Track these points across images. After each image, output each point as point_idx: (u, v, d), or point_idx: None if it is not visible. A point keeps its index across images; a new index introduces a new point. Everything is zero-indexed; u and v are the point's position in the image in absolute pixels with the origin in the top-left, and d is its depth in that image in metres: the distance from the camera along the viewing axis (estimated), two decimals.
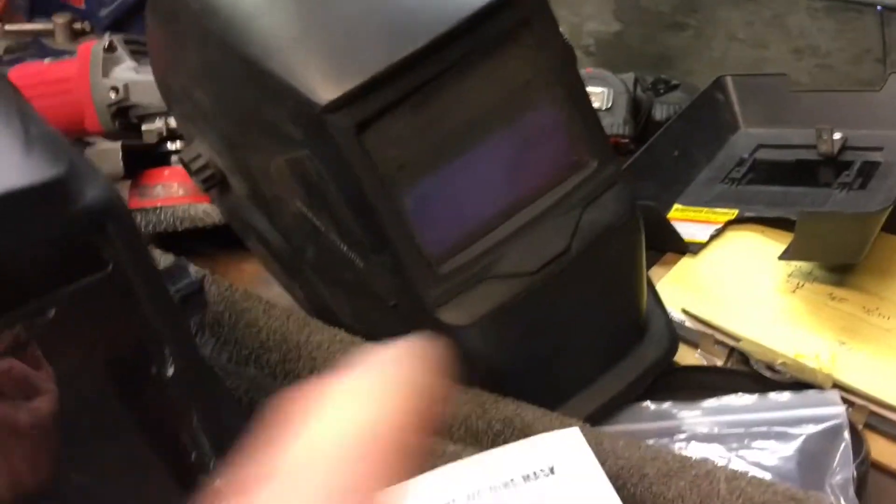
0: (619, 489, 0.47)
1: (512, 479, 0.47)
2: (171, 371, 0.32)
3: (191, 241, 0.72)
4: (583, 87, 0.52)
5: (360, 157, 0.46)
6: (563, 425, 0.50)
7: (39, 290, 0.30)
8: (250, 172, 0.57)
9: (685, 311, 0.65)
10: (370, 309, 0.55)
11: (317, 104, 0.44)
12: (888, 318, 0.62)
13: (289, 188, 0.53)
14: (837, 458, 0.53)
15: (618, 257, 0.54)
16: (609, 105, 0.85)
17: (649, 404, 0.57)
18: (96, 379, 0.32)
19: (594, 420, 0.52)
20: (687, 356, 0.63)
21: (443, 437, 0.50)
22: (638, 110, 0.88)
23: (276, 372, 0.56)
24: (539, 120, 0.51)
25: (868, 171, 0.75)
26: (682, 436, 0.54)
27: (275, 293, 0.66)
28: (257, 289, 0.63)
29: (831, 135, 0.77)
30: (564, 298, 0.52)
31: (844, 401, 0.56)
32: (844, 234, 0.64)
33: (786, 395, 0.57)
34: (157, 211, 0.68)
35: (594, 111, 0.53)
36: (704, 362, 0.63)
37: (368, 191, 0.46)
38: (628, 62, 1.05)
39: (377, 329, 0.56)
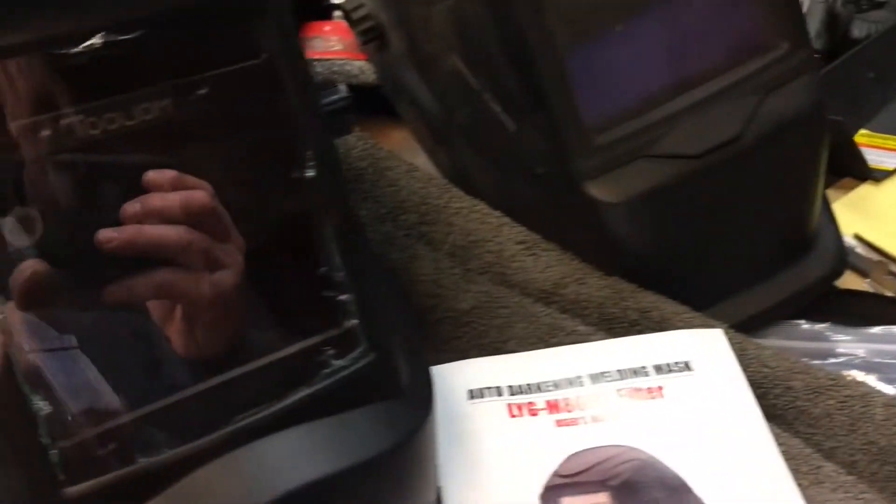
0: (760, 398, 0.43)
1: (643, 367, 0.44)
2: (310, 173, 0.31)
3: None
4: None
5: (529, 5, 0.43)
6: (704, 325, 0.47)
7: (193, 69, 0.29)
8: (411, 24, 0.55)
9: (858, 237, 0.59)
10: (515, 180, 0.53)
11: None
12: None
13: (447, 42, 0.51)
14: None
15: (795, 154, 0.48)
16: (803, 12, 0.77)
17: (804, 323, 0.52)
18: (236, 174, 0.31)
19: (741, 330, 0.48)
20: (853, 284, 0.57)
21: (573, 317, 0.48)
22: (834, 24, 0.80)
23: (413, 233, 0.55)
24: None
25: None
26: (837, 360, 0.50)
27: (419, 162, 0.65)
28: (402, 155, 0.62)
29: None
30: (727, 190, 0.47)
31: None
32: None
33: None
34: (313, 63, 0.67)
35: None
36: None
37: (532, 42, 0.43)
38: None
39: (519, 203, 0.54)
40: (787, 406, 0.44)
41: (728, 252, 0.50)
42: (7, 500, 0.28)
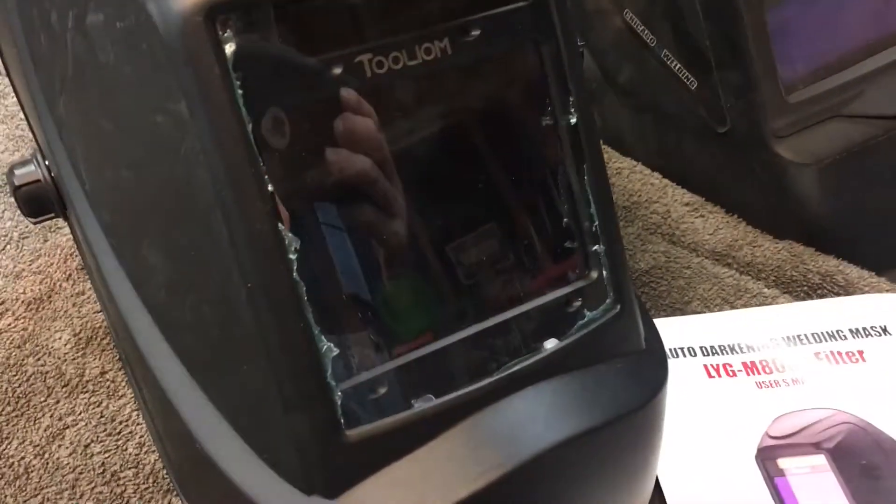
0: None
1: (839, 331, 0.43)
2: (573, 120, 0.31)
3: None
4: None
5: None
6: (893, 290, 0.46)
7: (467, 10, 0.29)
8: None
9: None
10: (683, 139, 0.52)
11: None
12: None
13: None
14: None
15: None
16: None
17: None
18: (502, 120, 0.31)
19: None
20: None
21: (753, 279, 0.47)
22: None
23: None
24: None
25: None
26: None
27: None
28: None
29: None
30: None
31: None
32: None
33: None
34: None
35: None
36: None
37: None
38: None
39: (682, 165, 0.53)
40: None
41: None
42: (289, 442, 0.28)
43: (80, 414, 0.40)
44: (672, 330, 0.44)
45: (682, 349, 0.43)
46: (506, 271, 0.32)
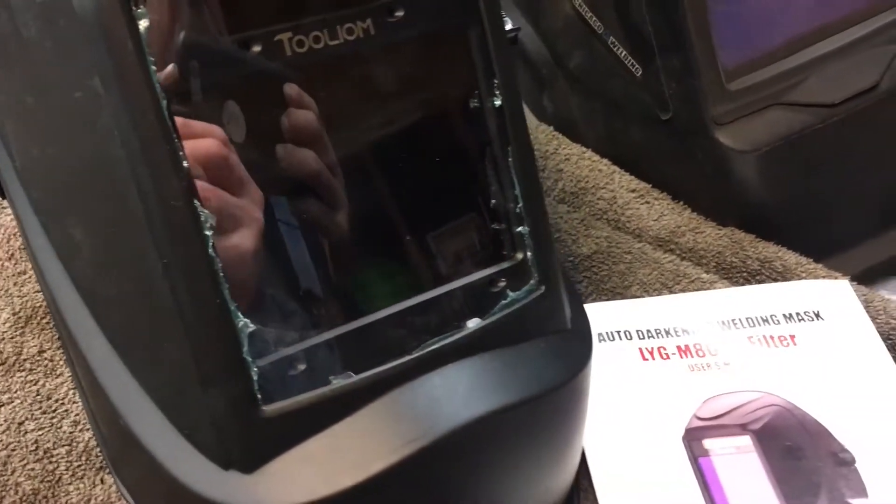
0: (889, 350, 0.43)
1: (772, 315, 0.44)
2: (497, 102, 0.31)
3: None
4: None
5: None
6: (828, 276, 0.47)
7: None
8: None
9: None
10: (630, 126, 0.52)
11: None
12: None
13: None
14: None
15: None
16: None
17: None
18: (425, 102, 0.31)
19: (859, 280, 0.48)
20: None
21: (694, 265, 0.48)
22: None
23: None
24: None
25: None
26: None
27: None
28: None
29: None
30: (859, 140, 0.47)
31: None
32: None
33: None
34: None
35: None
36: None
37: None
38: None
39: (629, 152, 0.54)
40: None
41: (848, 204, 0.50)
42: (206, 417, 0.28)
43: (16, 392, 0.40)
44: (610, 314, 0.45)
45: (618, 332, 0.44)
46: (431, 251, 0.32)
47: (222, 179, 0.28)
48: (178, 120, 0.26)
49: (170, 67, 0.26)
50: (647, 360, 0.43)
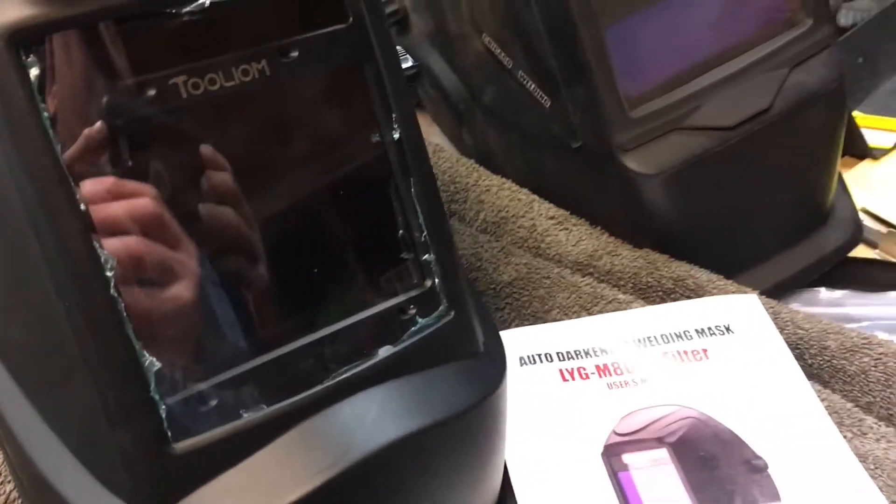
0: (797, 359, 0.45)
1: (685, 331, 0.46)
2: (396, 136, 0.32)
3: None
4: None
5: None
6: (738, 292, 0.49)
7: (286, 32, 0.30)
8: (437, 6, 0.56)
9: (865, 211, 0.62)
10: (546, 156, 0.54)
11: None
12: None
13: (478, 22, 0.52)
14: None
15: (818, 126, 0.50)
16: None
17: (823, 290, 0.54)
18: (324, 138, 0.32)
19: (769, 295, 0.50)
20: (863, 255, 0.59)
21: (611, 286, 0.49)
22: None
23: None
24: None
25: None
26: (860, 324, 0.52)
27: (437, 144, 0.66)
28: None
29: None
30: (756, 161, 0.49)
31: None
32: None
33: None
34: None
35: None
36: None
37: (575, 17, 0.45)
38: None
39: (547, 180, 0.55)
40: (823, 365, 0.45)
41: (754, 222, 0.52)
42: (117, 458, 0.28)
43: None
44: (532, 338, 0.46)
45: (539, 355, 0.45)
46: (341, 282, 0.33)
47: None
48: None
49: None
50: (567, 380, 0.44)
